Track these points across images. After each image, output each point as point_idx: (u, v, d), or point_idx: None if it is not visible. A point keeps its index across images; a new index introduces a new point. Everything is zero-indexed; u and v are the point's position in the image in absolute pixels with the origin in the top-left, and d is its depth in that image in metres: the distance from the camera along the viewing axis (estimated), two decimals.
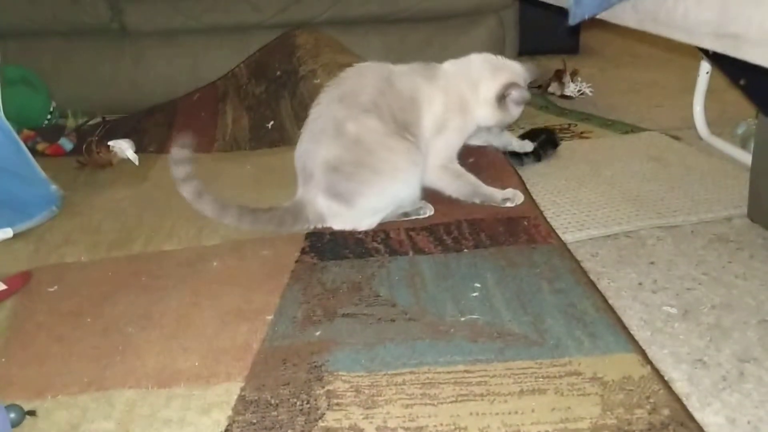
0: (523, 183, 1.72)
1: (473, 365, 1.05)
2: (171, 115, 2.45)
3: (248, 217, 1.48)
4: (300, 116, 2.21)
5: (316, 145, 1.48)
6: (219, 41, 2.64)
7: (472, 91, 1.59)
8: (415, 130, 1.52)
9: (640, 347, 1.08)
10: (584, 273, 1.32)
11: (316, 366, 1.07)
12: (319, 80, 2.24)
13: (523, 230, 1.49)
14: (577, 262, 1.37)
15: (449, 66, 1.63)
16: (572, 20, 1.31)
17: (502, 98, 1.58)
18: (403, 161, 1.48)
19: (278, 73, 2.41)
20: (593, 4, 1.30)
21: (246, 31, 2.62)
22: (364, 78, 1.54)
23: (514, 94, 1.58)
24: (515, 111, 1.63)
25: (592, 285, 1.28)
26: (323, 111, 1.51)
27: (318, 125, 1.50)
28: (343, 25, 2.61)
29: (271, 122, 2.27)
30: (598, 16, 1.34)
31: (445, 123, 1.56)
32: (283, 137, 2.20)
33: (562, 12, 1.37)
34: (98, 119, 2.51)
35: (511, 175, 1.75)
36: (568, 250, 1.41)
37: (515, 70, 1.64)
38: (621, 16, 1.28)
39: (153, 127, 2.40)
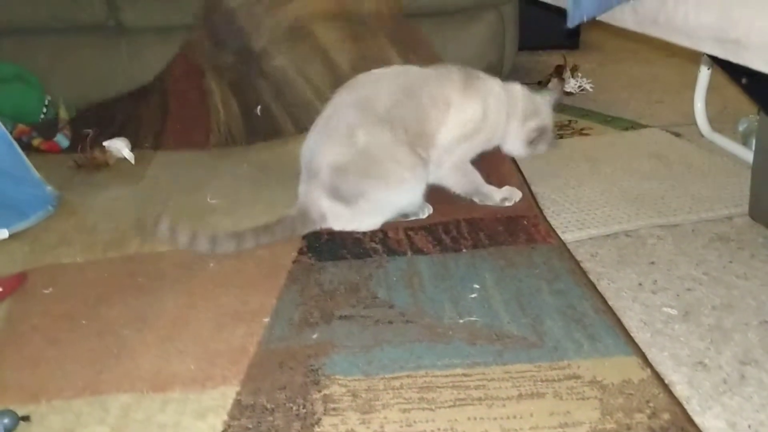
0: (524, 181, 1.71)
1: (471, 368, 1.04)
2: (162, 96, 2.40)
3: (265, 235, 1.47)
4: (282, 97, 2.22)
5: (325, 145, 1.49)
6: None
7: (509, 121, 1.63)
8: (429, 140, 1.53)
9: (639, 350, 1.07)
10: (584, 273, 1.31)
11: (312, 369, 1.06)
12: (277, 62, 2.23)
13: (522, 230, 1.47)
14: (577, 263, 1.36)
15: (495, 85, 1.63)
16: (571, 22, 1.29)
17: (532, 141, 1.65)
18: (408, 175, 1.49)
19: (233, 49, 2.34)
20: (592, 5, 1.28)
21: None
22: (382, 86, 1.55)
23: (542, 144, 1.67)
24: (542, 148, 1.70)
25: (592, 286, 1.27)
26: (336, 112, 1.52)
27: (330, 125, 1.51)
28: None
29: (258, 107, 2.26)
30: (597, 18, 1.32)
31: (474, 132, 1.57)
32: (275, 128, 2.20)
33: (562, 11, 1.35)
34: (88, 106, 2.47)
35: (511, 173, 1.74)
36: (568, 250, 1.40)
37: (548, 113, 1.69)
38: (620, 18, 1.26)
39: (146, 112, 2.36)
